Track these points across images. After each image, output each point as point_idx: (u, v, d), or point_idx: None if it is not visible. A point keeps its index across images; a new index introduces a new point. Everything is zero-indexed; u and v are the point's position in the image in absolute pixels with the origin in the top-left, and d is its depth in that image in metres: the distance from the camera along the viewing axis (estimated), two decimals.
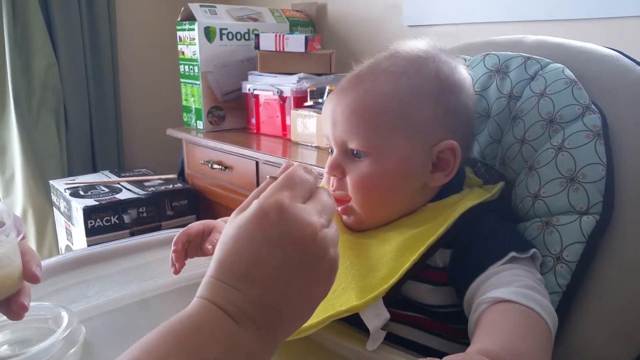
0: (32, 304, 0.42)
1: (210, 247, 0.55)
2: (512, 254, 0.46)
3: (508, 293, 0.41)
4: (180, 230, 0.57)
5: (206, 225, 0.58)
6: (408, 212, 0.52)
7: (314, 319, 0.44)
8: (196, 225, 0.58)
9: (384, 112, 0.50)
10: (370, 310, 0.45)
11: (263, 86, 1.45)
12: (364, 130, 0.50)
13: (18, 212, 1.76)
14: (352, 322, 0.47)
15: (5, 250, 0.39)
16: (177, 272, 0.56)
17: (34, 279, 0.41)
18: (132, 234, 1.45)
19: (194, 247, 0.57)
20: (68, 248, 1.62)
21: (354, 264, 0.49)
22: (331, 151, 0.54)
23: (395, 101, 0.50)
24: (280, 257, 0.32)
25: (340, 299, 0.46)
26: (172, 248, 0.56)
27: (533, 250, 0.48)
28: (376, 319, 0.44)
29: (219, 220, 0.60)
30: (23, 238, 0.43)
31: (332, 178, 0.53)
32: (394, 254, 0.47)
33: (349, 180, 0.51)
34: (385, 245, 0.49)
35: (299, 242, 0.32)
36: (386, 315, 0.45)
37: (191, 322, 0.30)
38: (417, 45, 0.54)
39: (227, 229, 0.34)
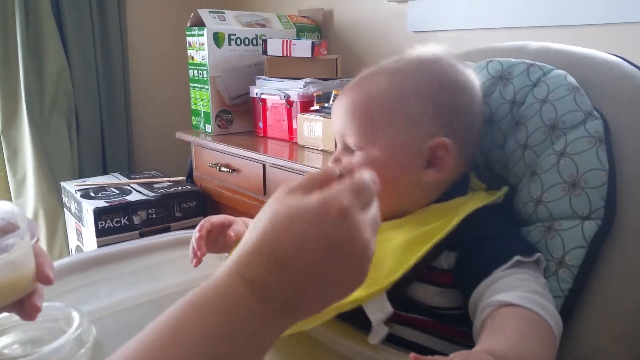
0: (43, 304, 0.43)
1: (233, 234, 0.56)
2: (517, 258, 0.46)
3: (513, 297, 0.42)
4: (192, 230, 0.58)
5: (227, 217, 0.60)
6: (411, 210, 0.52)
7: None
8: (217, 217, 0.59)
9: (374, 106, 0.53)
10: (373, 303, 0.45)
11: (270, 90, 1.46)
12: (356, 125, 0.54)
13: (29, 213, 1.78)
14: (354, 320, 0.47)
15: (19, 253, 0.40)
16: (198, 262, 0.55)
17: (46, 280, 0.42)
18: (142, 235, 1.46)
19: (212, 238, 0.58)
20: (78, 249, 1.64)
21: None
22: (336, 146, 0.57)
23: (388, 95, 0.53)
24: (321, 258, 0.31)
25: None
26: (197, 235, 0.56)
27: (537, 254, 0.48)
28: (379, 312, 0.44)
29: (237, 218, 0.61)
30: (37, 241, 0.43)
31: None
32: (398, 251, 0.47)
33: None
34: (390, 243, 0.49)
35: (348, 251, 0.32)
36: (389, 309, 0.45)
37: (214, 293, 0.31)
38: (429, 49, 0.56)
39: (277, 206, 0.33)
